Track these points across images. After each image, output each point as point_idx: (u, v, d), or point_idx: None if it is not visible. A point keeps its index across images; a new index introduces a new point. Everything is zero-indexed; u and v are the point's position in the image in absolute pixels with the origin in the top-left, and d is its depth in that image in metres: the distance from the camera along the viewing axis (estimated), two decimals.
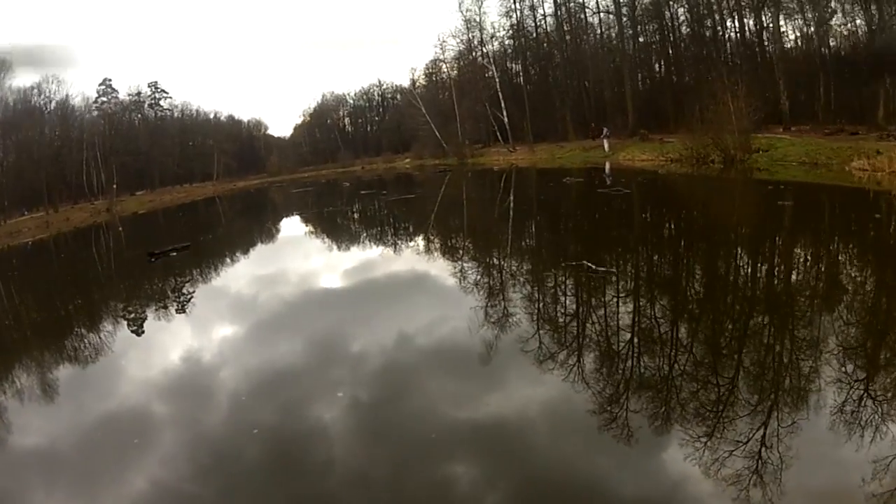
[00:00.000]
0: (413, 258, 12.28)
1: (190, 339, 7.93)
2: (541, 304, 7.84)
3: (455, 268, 10.73)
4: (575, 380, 5.17)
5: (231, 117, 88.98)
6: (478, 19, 51.92)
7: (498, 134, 51.57)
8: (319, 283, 11.01)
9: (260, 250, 17.54)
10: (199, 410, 5.61)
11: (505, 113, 49.71)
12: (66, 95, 50.36)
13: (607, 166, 29.76)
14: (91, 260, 19.51)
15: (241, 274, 12.96)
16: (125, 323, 9.47)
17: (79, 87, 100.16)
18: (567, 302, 7.80)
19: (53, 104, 48.89)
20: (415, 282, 10.06)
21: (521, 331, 6.55)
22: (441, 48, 57.87)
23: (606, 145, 34.74)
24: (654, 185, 21.41)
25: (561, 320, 7.02)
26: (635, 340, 5.95)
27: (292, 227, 23.11)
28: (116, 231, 29.88)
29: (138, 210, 46.06)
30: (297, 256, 14.37)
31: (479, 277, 9.66)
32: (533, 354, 5.86)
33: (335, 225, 20.97)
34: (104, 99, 64.46)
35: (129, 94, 68.17)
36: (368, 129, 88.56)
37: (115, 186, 51.92)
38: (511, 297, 8.05)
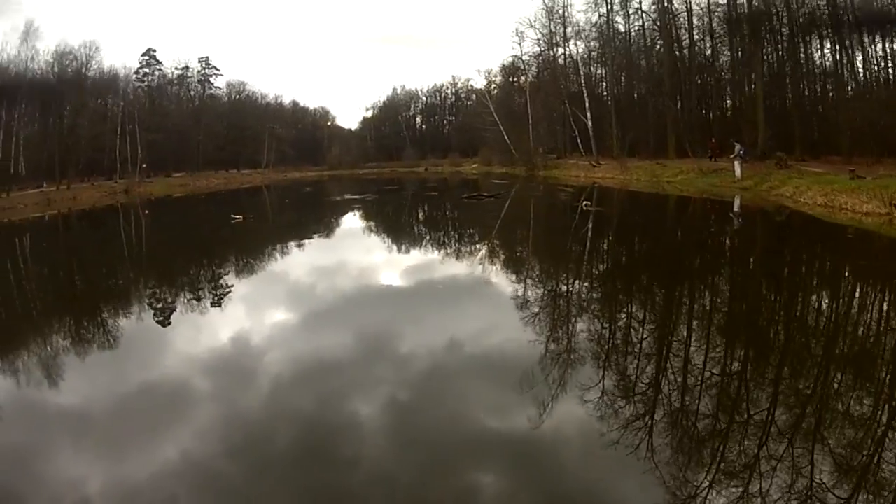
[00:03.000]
0: None
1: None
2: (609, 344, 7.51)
3: None
4: (643, 453, 4.85)
5: (295, 103, 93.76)
6: (561, 11, 51.46)
7: (579, 142, 50.18)
8: None
9: None
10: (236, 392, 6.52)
11: (589, 115, 48.20)
12: (100, 64, 52.48)
13: (737, 202, 23.80)
14: None
15: None
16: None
17: (121, 59, 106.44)
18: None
19: (88, 72, 50.84)
20: None
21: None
22: (519, 40, 58.02)
23: (738, 170, 28.38)
24: None
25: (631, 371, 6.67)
26: (721, 422, 5.53)
27: None
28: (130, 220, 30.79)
29: (172, 193, 47.84)
30: None
31: None
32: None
33: None
34: (146, 70, 68.14)
35: (175, 68, 71.88)
36: (440, 128, 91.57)
37: (144, 166, 53.90)
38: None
